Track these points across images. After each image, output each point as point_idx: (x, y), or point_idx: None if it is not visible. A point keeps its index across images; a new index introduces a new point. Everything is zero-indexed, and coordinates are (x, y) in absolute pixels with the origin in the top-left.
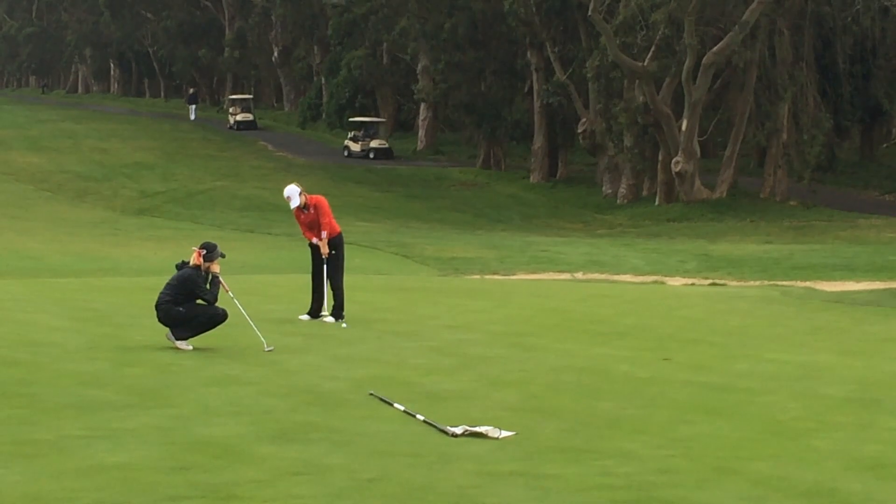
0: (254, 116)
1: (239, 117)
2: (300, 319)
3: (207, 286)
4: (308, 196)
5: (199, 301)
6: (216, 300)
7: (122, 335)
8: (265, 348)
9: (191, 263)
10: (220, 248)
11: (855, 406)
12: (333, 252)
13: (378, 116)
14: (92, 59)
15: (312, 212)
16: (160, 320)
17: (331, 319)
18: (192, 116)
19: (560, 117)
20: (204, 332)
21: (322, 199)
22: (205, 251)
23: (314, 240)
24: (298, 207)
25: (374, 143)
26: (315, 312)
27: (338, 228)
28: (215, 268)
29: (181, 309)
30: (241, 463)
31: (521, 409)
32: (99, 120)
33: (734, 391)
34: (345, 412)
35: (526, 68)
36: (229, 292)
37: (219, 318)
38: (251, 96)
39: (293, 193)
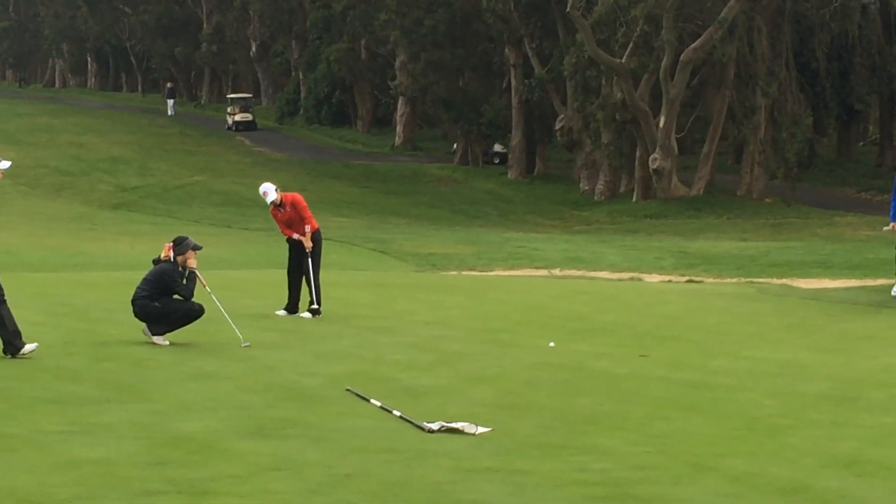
0: (253, 116)
1: (238, 117)
2: (277, 315)
3: (184, 281)
4: (283, 194)
5: (175, 296)
6: (192, 295)
7: (98, 330)
8: (242, 344)
9: (161, 256)
10: (192, 240)
11: (831, 403)
12: (313, 246)
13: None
14: (69, 53)
15: (289, 209)
16: (136, 315)
17: (308, 315)
18: (171, 112)
19: (538, 114)
20: (180, 327)
21: (298, 196)
22: (174, 244)
23: (295, 235)
24: (274, 205)
25: (497, 148)
26: (292, 308)
27: (316, 224)
28: (192, 262)
29: (157, 304)
30: (218, 458)
31: (497, 405)
32: (76, 114)
33: (711, 388)
34: (322, 408)
35: (503, 65)
36: (206, 287)
37: (195, 313)
38: (251, 95)
39: (269, 189)
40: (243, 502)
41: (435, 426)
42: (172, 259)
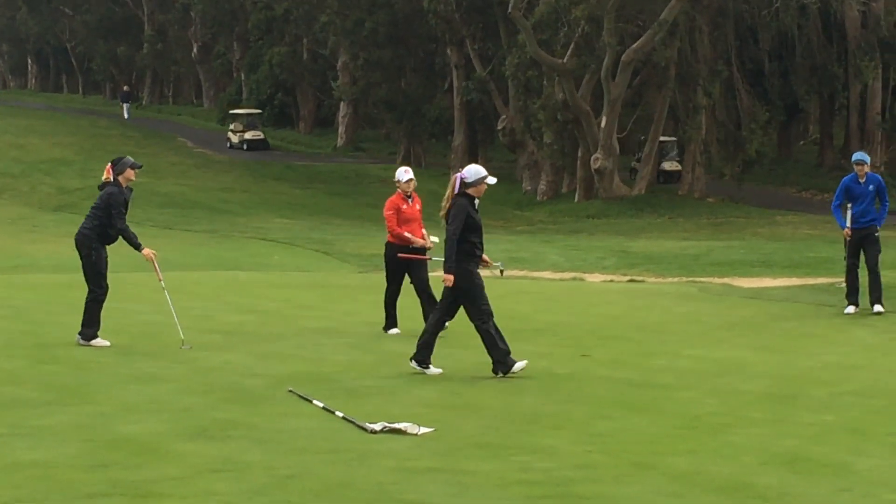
0: (264, 134)
1: (248, 135)
2: (391, 334)
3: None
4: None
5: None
6: (135, 245)
7: (39, 332)
8: (182, 346)
9: (104, 179)
10: (130, 159)
11: (771, 401)
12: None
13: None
14: (9, 54)
15: (418, 208)
16: (76, 241)
17: (395, 331)
18: (126, 115)
19: (480, 114)
20: (97, 313)
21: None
22: (113, 164)
23: (414, 239)
24: (403, 196)
25: (666, 166)
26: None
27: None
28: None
29: (94, 256)
30: (160, 460)
31: (440, 405)
32: (16, 116)
33: (652, 387)
34: (264, 409)
35: (446, 65)
36: (161, 281)
37: (102, 294)
38: (259, 111)
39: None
40: None
41: (377, 426)
42: (113, 179)
